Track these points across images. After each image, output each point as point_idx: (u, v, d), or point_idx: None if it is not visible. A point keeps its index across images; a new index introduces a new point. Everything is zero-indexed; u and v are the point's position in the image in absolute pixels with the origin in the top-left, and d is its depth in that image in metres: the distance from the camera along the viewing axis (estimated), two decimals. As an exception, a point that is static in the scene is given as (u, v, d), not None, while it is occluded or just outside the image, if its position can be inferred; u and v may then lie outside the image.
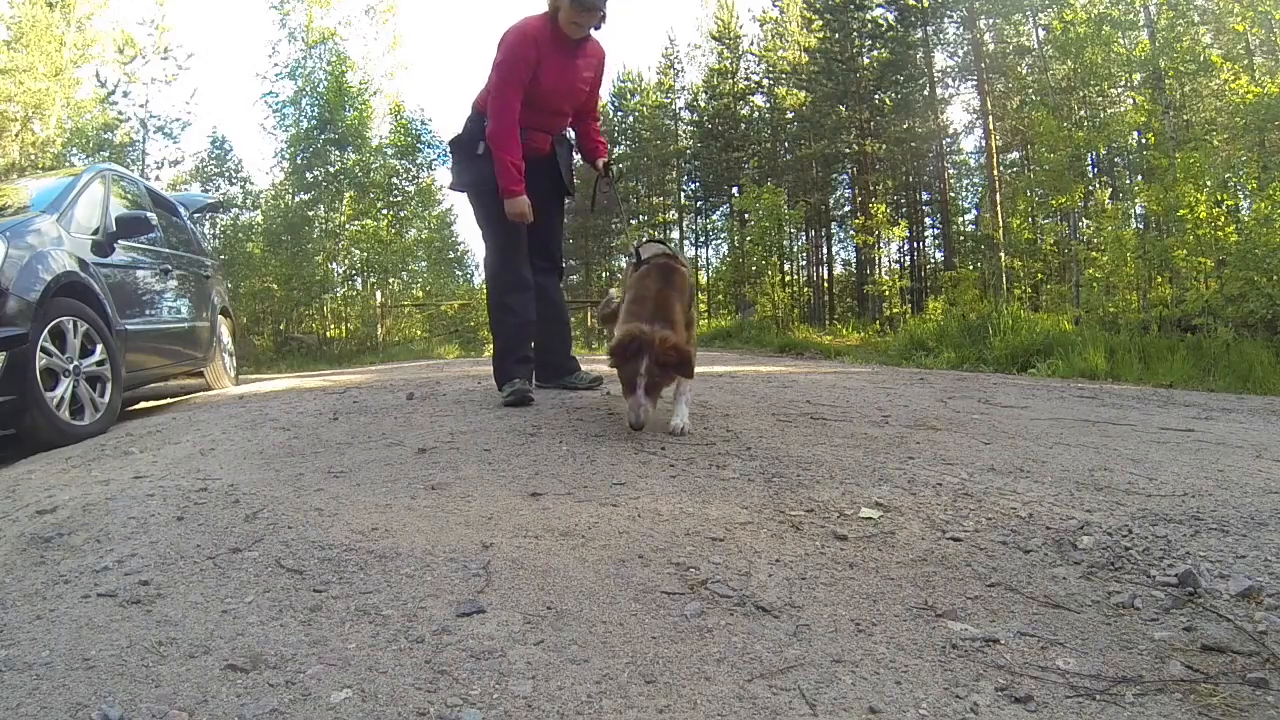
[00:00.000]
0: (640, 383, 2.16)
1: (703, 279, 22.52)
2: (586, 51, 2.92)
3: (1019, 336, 7.17)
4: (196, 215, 6.92)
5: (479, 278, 17.70)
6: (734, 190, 21.04)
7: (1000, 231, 14.41)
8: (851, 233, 19.97)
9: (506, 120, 2.76)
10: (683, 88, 24.65)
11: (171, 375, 4.80)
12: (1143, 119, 11.38)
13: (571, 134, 3.22)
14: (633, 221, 24.23)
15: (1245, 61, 11.46)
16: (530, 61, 2.74)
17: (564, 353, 3.33)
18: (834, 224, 22.03)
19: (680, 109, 24.63)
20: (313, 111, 17.84)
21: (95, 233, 3.73)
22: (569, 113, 3.04)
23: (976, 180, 19.52)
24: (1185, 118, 12.59)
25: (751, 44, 23.20)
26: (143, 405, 4.53)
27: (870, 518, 1.53)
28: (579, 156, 3.36)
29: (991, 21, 16.78)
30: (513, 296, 2.96)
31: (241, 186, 19.64)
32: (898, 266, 21.06)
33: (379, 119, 18.86)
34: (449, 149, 3.08)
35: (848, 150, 19.83)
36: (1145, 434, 2.59)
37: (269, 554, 1.32)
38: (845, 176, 21.04)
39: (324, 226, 18.03)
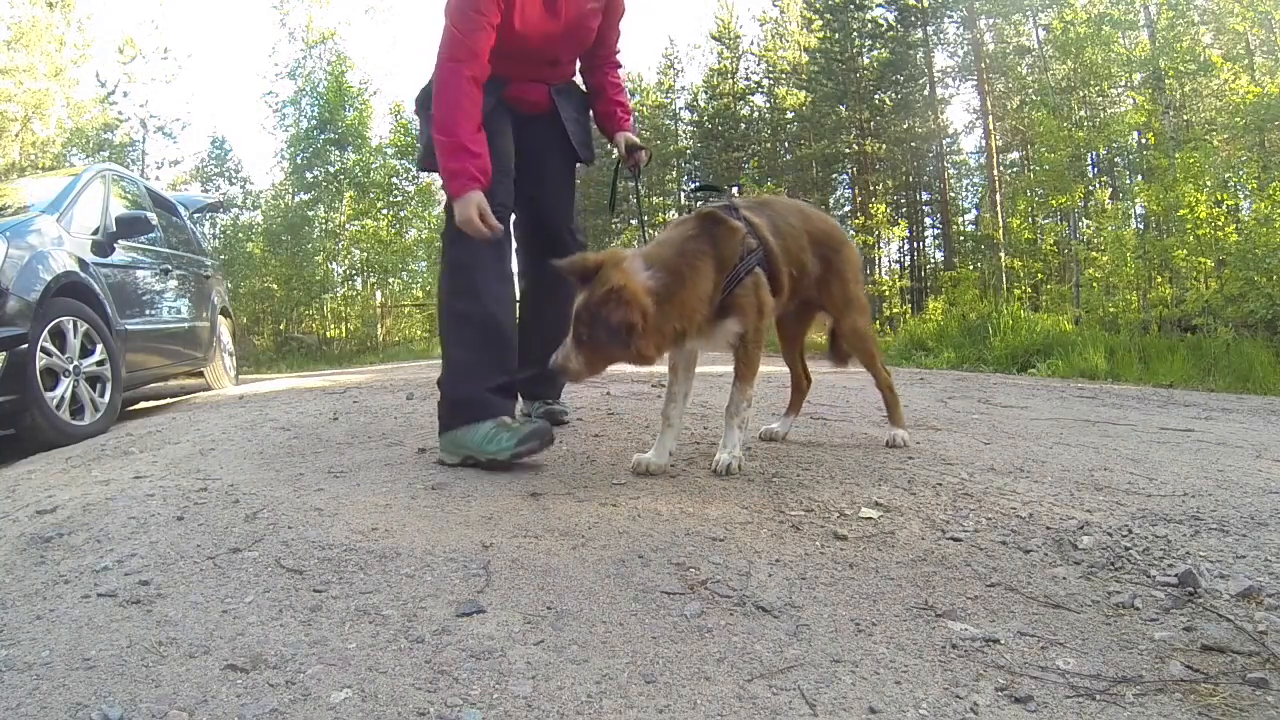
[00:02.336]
0: (575, 326, 1.65)
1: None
2: None
3: (1019, 336, 7.19)
4: (196, 215, 6.93)
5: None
6: (734, 190, 21.05)
7: (1000, 231, 14.43)
8: (851, 232, 19.97)
9: (455, 76, 1.89)
10: (683, 88, 24.67)
11: (171, 375, 4.80)
12: (1143, 119, 11.40)
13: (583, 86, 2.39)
14: (633, 222, 24.20)
15: (1245, 61, 11.47)
16: None
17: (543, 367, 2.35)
18: (834, 224, 22.03)
19: (680, 109, 24.64)
20: (313, 111, 17.86)
21: (95, 233, 3.74)
22: (570, 59, 2.26)
23: (976, 180, 19.54)
24: (1185, 118, 12.60)
25: (751, 44, 23.24)
26: (143, 405, 4.53)
27: (870, 518, 1.53)
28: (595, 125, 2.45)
29: (991, 21, 16.79)
30: (485, 278, 2.00)
31: (241, 186, 19.68)
32: (898, 266, 21.08)
33: (379, 119, 18.91)
34: (416, 111, 2.21)
35: (848, 150, 19.84)
36: (1145, 434, 2.59)
37: (269, 554, 1.32)
38: (845, 176, 21.05)
39: (324, 226, 18.05)
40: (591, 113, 2.39)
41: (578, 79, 2.37)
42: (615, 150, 2.39)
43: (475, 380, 1.96)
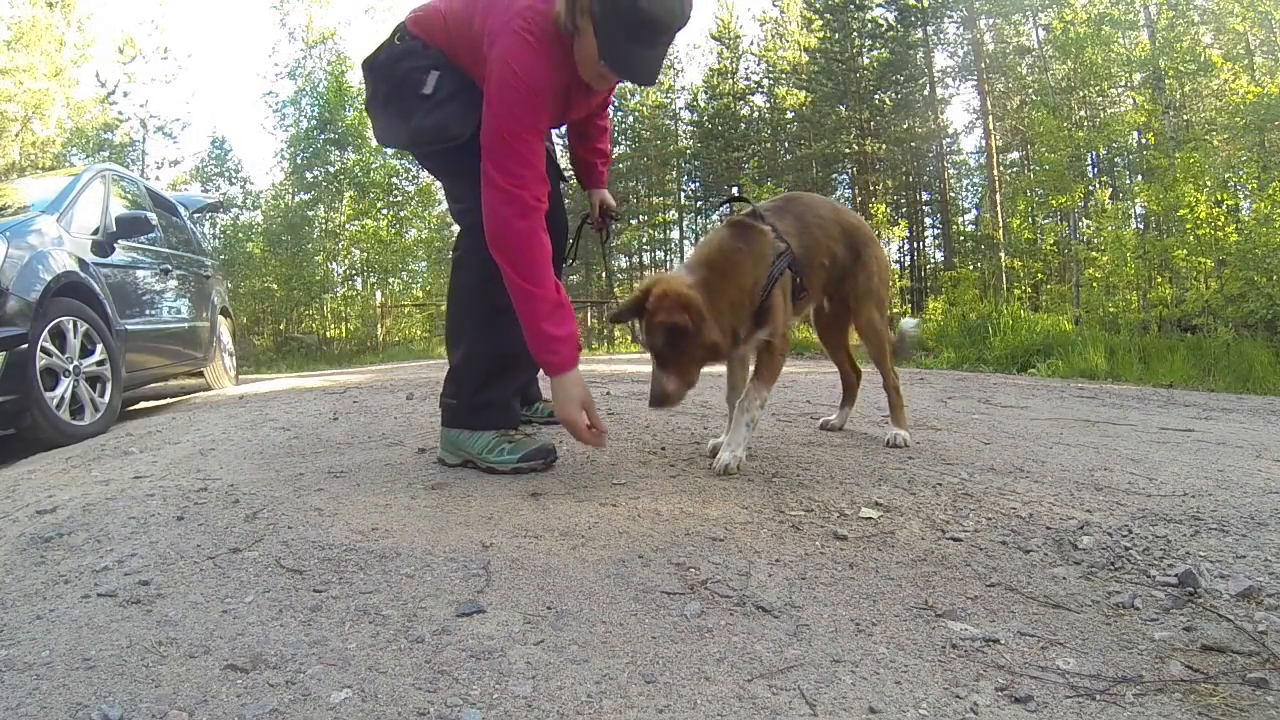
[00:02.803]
0: (653, 355, 1.73)
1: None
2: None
3: (1019, 336, 7.19)
4: (196, 215, 6.93)
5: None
6: (734, 190, 21.09)
7: (1000, 231, 14.43)
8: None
9: (527, 210, 1.63)
10: (683, 88, 24.66)
11: (171, 375, 4.80)
12: (1143, 119, 11.40)
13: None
14: (633, 222, 24.21)
15: (1245, 61, 11.48)
16: (547, 96, 1.68)
17: (535, 369, 2.27)
18: (834, 224, 22.03)
19: (680, 109, 24.65)
20: (313, 111, 17.89)
21: (95, 233, 3.74)
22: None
23: (976, 180, 19.56)
24: (1185, 118, 12.61)
25: (751, 44, 23.25)
26: (143, 405, 4.53)
27: (870, 518, 1.53)
28: (566, 162, 2.35)
29: (991, 21, 16.79)
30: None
31: (241, 186, 19.71)
32: (898, 266, 21.07)
33: (379, 119, 18.86)
34: (364, 73, 1.88)
35: (848, 150, 19.84)
36: (1145, 434, 2.60)
37: (269, 554, 1.32)
38: (845, 176, 21.05)
39: (324, 226, 18.07)
40: (570, 151, 2.30)
41: None
42: (589, 202, 2.34)
43: (501, 383, 1.89)
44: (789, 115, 21.76)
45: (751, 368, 1.92)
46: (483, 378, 1.88)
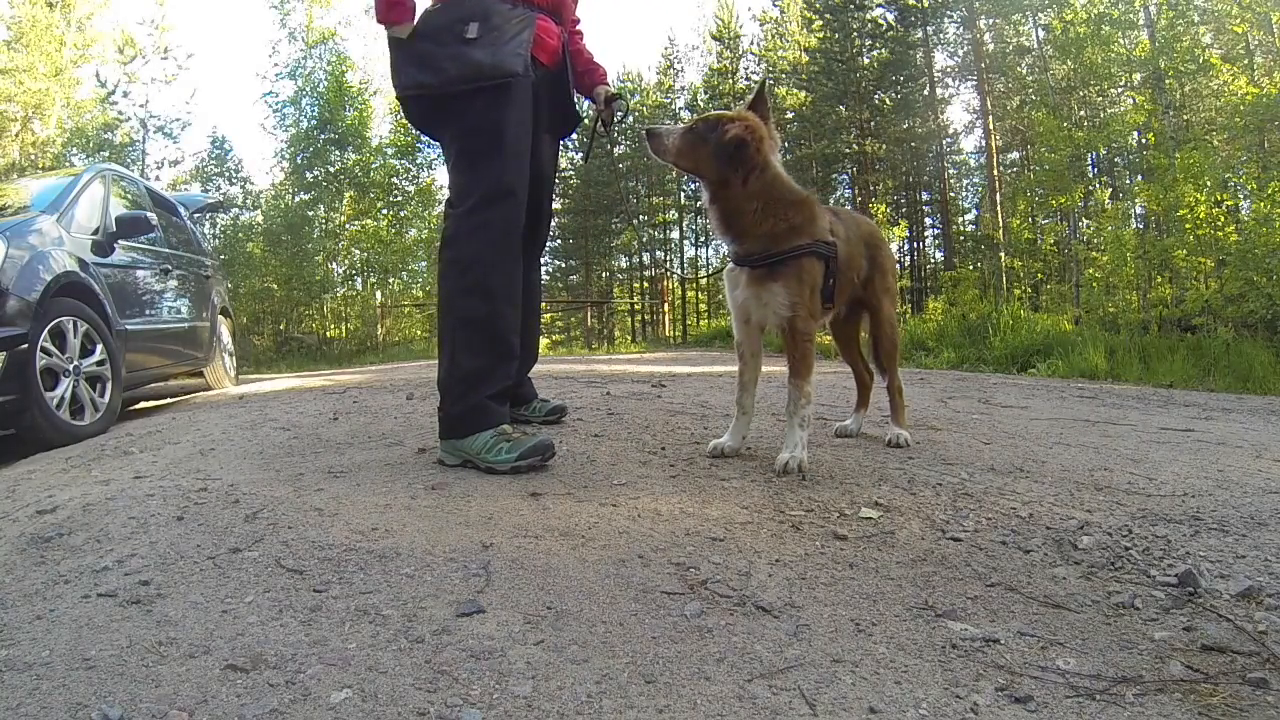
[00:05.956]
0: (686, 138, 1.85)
1: (702, 280, 22.49)
2: None
3: (1019, 336, 7.20)
4: (196, 215, 6.93)
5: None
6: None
7: (1000, 231, 14.44)
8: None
9: None
10: (682, 88, 24.70)
11: (171, 375, 4.80)
12: (1143, 119, 11.40)
13: None
14: (633, 222, 24.20)
15: (1245, 62, 11.48)
16: None
17: (525, 369, 2.38)
18: (834, 224, 22.03)
19: (680, 109, 24.66)
20: (313, 111, 17.89)
21: (95, 233, 3.74)
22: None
23: (976, 180, 19.57)
24: (1185, 118, 12.61)
25: (751, 44, 23.28)
26: (143, 405, 4.53)
27: (870, 518, 1.53)
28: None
29: (991, 21, 16.80)
30: (500, 279, 1.91)
31: (241, 186, 19.70)
32: (898, 267, 21.08)
33: (379, 119, 18.92)
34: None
35: (848, 150, 19.85)
36: (1145, 434, 2.60)
37: (269, 554, 1.32)
38: (845, 176, 21.07)
39: (324, 226, 18.06)
40: (570, 65, 2.25)
41: None
42: (593, 104, 2.33)
43: (480, 389, 1.90)
44: (789, 115, 21.77)
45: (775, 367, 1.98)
46: (461, 386, 1.91)
